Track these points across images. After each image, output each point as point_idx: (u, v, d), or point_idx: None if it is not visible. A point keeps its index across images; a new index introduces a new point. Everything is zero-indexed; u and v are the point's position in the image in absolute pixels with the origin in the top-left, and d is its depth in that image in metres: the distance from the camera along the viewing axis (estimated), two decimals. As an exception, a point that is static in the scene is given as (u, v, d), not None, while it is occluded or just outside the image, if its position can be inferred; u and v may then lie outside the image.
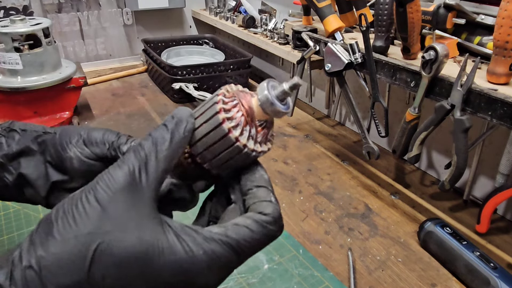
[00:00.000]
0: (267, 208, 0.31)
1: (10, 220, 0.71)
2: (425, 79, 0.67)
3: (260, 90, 0.31)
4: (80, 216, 0.26)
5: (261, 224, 0.30)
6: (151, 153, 0.29)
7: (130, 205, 0.27)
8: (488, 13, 0.72)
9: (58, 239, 0.26)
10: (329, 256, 0.66)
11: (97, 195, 0.27)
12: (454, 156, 0.67)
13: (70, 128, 0.42)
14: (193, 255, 0.27)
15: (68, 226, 0.26)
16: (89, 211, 0.26)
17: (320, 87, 1.23)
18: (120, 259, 0.26)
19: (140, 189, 0.28)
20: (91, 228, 0.26)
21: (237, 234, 0.29)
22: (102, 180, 0.28)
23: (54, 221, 0.27)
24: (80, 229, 0.26)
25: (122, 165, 0.28)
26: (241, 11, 1.44)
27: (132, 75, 1.45)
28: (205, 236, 0.28)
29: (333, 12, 0.85)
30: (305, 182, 0.85)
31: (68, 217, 0.26)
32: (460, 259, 0.60)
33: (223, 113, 0.30)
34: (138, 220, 0.27)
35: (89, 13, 1.46)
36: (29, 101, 1.02)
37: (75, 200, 0.27)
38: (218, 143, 0.31)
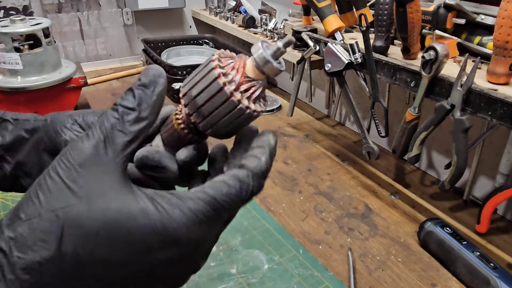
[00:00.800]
0: (250, 163, 0.30)
1: (10, 220, 0.71)
2: (425, 79, 0.67)
3: (255, 49, 0.31)
4: (43, 194, 0.26)
5: (238, 178, 0.28)
6: (117, 124, 0.27)
7: (94, 178, 0.26)
8: (488, 13, 0.72)
9: (24, 218, 0.26)
10: (329, 256, 0.66)
11: (59, 170, 0.26)
12: (454, 156, 0.67)
13: (62, 113, 0.40)
14: (168, 215, 0.26)
15: (32, 205, 0.26)
16: (51, 187, 0.26)
17: (320, 87, 1.23)
18: (89, 231, 0.25)
19: (105, 161, 0.27)
20: (56, 203, 0.26)
21: (213, 189, 0.28)
22: (64, 155, 0.27)
23: (21, 203, 0.27)
24: (43, 207, 0.26)
25: (86, 138, 0.27)
26: (241, 11, 1.44)
27: (132, 75, 1.45)
28: (181, 195, 0.27)
29: (333, 12, 0.85)
30: (305, 182, 0.85)
31: (33, 196, 0.26)
32: (460, 259, 0.60)
33: (218, 69, 0.30)
34: (104, 190, 0.26)
35: (89, 13, 1.46)
36: (29, 101, 1.02)
37: (39, 179, 0.27)
38: (213, 99, 0.30)
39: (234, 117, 0.31)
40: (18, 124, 0.40)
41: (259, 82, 0.31)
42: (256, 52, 0.31)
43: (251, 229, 0.70)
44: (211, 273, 0.61)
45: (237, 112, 0.30)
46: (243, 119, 0.31)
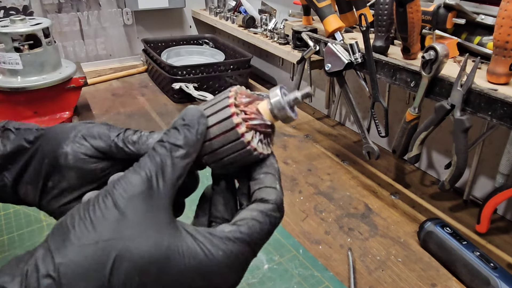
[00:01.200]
0: (271, 195, 0.31)
1: (10, 220, 0.71)
2: (425, 79, 0.67)
3: (273, 94, 0.31)
4: (98, 221, 0.26)
5: (266, 213, 0.30)
6: (167, 159, 0.28)
7: (147, 211, 0.27)
8: (488, 13, 0.72)
9: (76, 245, 0.25)
10: (329, 256, 0.66)
11: (114, 199, 0.27)
12: (454, 156, 0.67)
13: (67, 125, 0.40)
14: (212, 257, 0.27)
15: (86, 232, 0.26)
16: (107, 216, 0.26)
17: (320, 87, 1.23)
18: (140, 265, 0.26)
19: (157, 195, 0.27)
20: (110, 233, 0.26)
21: (248, 229, 0.29)
22: (119, 185, 0.27)
23: (70, 227, 0.26)
24: (99, 235, 0.25)
25: (139, 170, 0.28)
26: (241, 11, 1.44)
27: (132, 75, 1.45)
28: (221, 236, 0.28)
29: (333, 12, 0.85)
30: (305, 182, 0.85)
31: (86, 222, 0.26)
32: (460, 259, 0.60)
33: (233, 108, 0.30)
34: (156, 226, 0.27)
35: (89, 13, 1.46)
36: (29, 101, 1.02)
37: (91, 205, 0.27)
38: (223, 135, 0.31)
39: (241, 157, 0.31)
40: (20, 134, 0.40)
41: (269, 126, 0.32)
42: (273, 97, 0.31)
43: (251, 229, 0.70)
44: (211, 273, 0.61)
45: (244, 152, 0.31)
46: (248, 159, 0.32)
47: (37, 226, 0.69)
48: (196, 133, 0.30)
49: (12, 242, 0.66)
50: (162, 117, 1.14)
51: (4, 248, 0.65)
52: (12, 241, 0.66)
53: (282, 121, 0.32)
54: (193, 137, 0.30)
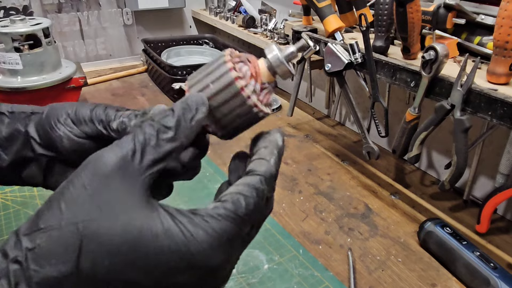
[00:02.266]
0: (260, 167, 0.29)
1: (10, 220, 0.71)
2: (425, 79, 0.67)
3: (269, 50, 0.31)
4: (65, 203, 0.25)
5: (252, 185, 0.28)
6: (151, 139, 0.27)
7: (119, 191, 0.26)
8: (488, 13, 0.72)
9: (44, 229, 0.24)
10: (329, 256, 0.66)
11: (84, 180, 0.25)
12: (454, 156, 0.67)
13: (58, 106, 0.39)
14: (192, 237, 0.25)
15: (53, 215, 0.25)
16: (74, 197, 0.25)
17: (320, 87, 1.23)
18: (109, 247, 0.24)
19: (131, 175, 0.26)
20: (78, 215, 0.25)
21: (233, 204, 0.27)
22: (90, 164, 0.26)
23: (42, 210, 0.26)
24: (65, 217, 0.25)
25: (116, 148, 0.27)
26: (241, 11, 1.44)
27: (132, 75, 1.45)
28: (202, 214, 0.26)
29: (333, 12, 0.85)
30: (305, 182, 0.85)
31: (54, 205, 0.25)
32: (460, 259, 0.60)
33: (234, 72, 0.30)
34: (128, 206, 0.25)
35: (89, 13, 1.46)
36: (29, 101, 1.02)
37: (62, 187, 0.26)
38: (229, 102, 0.30)
39: (248, 120, 0.31)
40: (14, 117, 0.39)
41: (271, 85, 0.32)
42: (270, 53, 0.31)
43: (251, 229, 0.70)
44: (211, 273, 0.61)
45: (251, 116, 0.30)
46: (255, 121, 0.31)
47: (37, 226, 0.69)
48: (191, 119, 0.28)
49: (12, 242, 0.66)
50: (162, 117, 1.14)
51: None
52: (12, 241, 0.66)
53: (281, 76, 0.31)
54: (187, 122, 0.28)
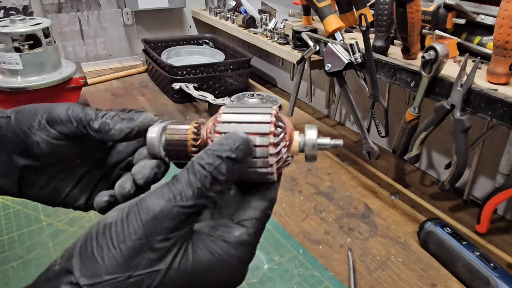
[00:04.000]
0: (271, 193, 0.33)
1: (10, 220, 0.71)
2: (425, 79, 0.67)
3: (310, 133, 0.32)
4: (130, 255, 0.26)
5: (265, 212, 0.32)
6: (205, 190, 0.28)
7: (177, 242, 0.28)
8: (488, 13, 0.72)
9: (109, 281, 0.25)
10: (329, 256, 0.66)
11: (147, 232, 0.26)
12: (454, 156, 0.67)
13: (27, 110, 0.37)
14: (229, 266, 0.29)
15: (118, 266, 0.26)
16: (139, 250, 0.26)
17: (320, 87, 1.23)
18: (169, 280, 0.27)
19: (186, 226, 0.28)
20: (143, 269, 0.26)
21: (255, 231, 0.31)
22: (152, 213, 0.27)
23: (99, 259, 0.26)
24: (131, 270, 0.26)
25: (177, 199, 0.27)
26: (241, 11, 1.44)
27: (132, 75, 1.45)
28: (233, 242, 0.29)
29: (333, 12, 0.85)
30: (305, 182, 0.85)
31: (117, 255, 0.26)
32: (460, 259, 0.60)
33: (272, 137, 0.30)
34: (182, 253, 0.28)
35: (89, 13, 1.46)
36: (29, 101, 1.01)
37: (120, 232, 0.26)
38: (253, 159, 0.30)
39: (256, 179, 0.32)
40: None
41: (291, 158, 0.33)
42: (309, 135, 0.32)
43: (251, 229, 0.70)
44: (211, 273, 0.61)
45: (262, 178, 0.32)
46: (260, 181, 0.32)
47: (37, 226, 0.69)
48: (239, 171, 0.29)
49: (12, 242, 0.66)
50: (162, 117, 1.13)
51: (4, 248, 0.65)
52: (12, 241, 0.66)
53: (306, 157, 0.33)
54: (235, 174, 0.29)
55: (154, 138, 0.33)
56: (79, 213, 0.73)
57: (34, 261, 0.62)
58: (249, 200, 0.32)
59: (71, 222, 0.71)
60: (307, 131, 0.33)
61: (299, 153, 0.33)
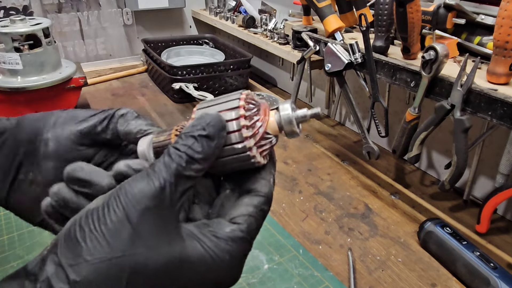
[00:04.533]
0: (263, 187, 0.32)
1: (10, 220, 0.71)
2: (425, 79, 0.67)
3: (283, 108, 0.32)
4: (111, 236, 0.26)
5: (259, 207, 0.31)
6: (183, 171, 0.28)
7: (159, 224, 0.27)
8: (488, 13, 0.72)
9: (90, 261, 0.25)
10: (329, 256, 0.66)
11: (127, 212, 0.26)
12: (454, 156, 0.67)
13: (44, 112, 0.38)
14: (220, 261, 0.28)
15: (100, 247, 0.25)
16: (120, 230, 0.26)
17: (320, 87, 1.23)
18: (154, 278, 0.26)
19: (168, 207, 0.27)
20: (124, 249, 0.26)
21: (248, 227, 0.30)
22: (131, 193, 0.27)
23: (81, 240, 0.26)
24: (112, 251, 0.25)
25: (153, 178, 0.27)
26: (241, 11, 1.44)
27: (132, 75, 1.45)
28: (225, 238, 0.29)
29: (333, 12, 0.85)
30: (305, 182, 0.85)
31: (98, 236, 0.26)
32: (460, 259, 0.60)
33: (242, 120, 0.30)
34: (168, 238, 0.27)
35: (89, 13, 1.46)
36: (29, 101, 1.02)
37: (102, 215, 0.26)
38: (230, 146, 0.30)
39: (240, 165, 0.31)
40: None
41: (274, 138, 0.32)
42: (283, 110, 0.32)
43: (251, 229, 0.70)
44: (211, 273, 0.61)
45: (246, 163, 0.31)
46: (246, 167, 0.32)
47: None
48: (215, 147, 0.29)
49: (12, 242, 0.66)
50: (162, 117, 1.14)
51: (4, 248, 0.65)
52: (12, 241, 0.66)
53: (286, 134, 0.32)
54: (211, 151, 0.29)
55: (144, 149, 0.34)
56: (79, 213, 0.73)
57: (34, 261, 0.62)
58: (243, 197, 0.32)
59: (71, 222, 0.71)
60: (281, 106, 0.32)
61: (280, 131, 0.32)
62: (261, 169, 0.32)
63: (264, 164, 0.32)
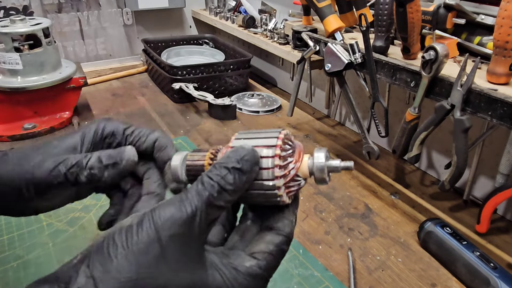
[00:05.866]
0: (285, 227, 0.33)
1: (10, 220, 0.71)
2: (425, 79, 0.67)
3: (318, 156, 0.32)
4: (140, 254, 0.27)
5: (280, 247, 0.32)
6: (213, 201, 0.29)
7: (186, 250, 0.28)
8: (488, 13, 0.72)
9: (117, 278, 0.26)
10: (329, 256, 0.66)
11: (159, 233, 0.27)
12: (454, 156, 0.67)
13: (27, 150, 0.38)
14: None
15: (128, 264, 0.26)
16: (149, 250, 0.27)
17: (320, 87, 1.23)
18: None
19: (196, 235, 0.28)
20: (150, 270, 0.27)
21: (266, 264, 0.31)
22: (163, 216, 0.28)
23: (113, 255, 0.27)
24: (139, 269, 0.26)
25: (185, 204, 0.28)
26: (241, 11, 1.44)
27: (132, 75, 1.45)
28: (244, 272, 0.30)
29: (333, 12, 0.85)
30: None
31: (129, 253, 0.27)
32: (460, 259, 0.60)
33: (277, 159, 0.31)
34: (191, 266, 0.28)
35: (89, 13, 1.46)
36: (29, 101, 1.02)
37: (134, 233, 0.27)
38: (260, 181, 0.31)
39: (266, 200, 0.32)
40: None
41: (303, 181, 0.33)
42: (318, 158, 0.32)
43: (251, 229, 0.70)
44: (211, 273, 0.61)
45: (271, 200, 0.32)
46: (271, 204, 0.33)
47: (37, 226, 0.69)
48: (246, 181, 0.30)
49: (12, 242, 0.66)
50: (162, 117, 1.14)
51: (4, 248, 0.65)
52: (12, 241, 0.66)
53: (316, 181, 0.33)
54: (242, 185, 0.30)
55: (177, 165, 0.35)
56: (79, 213, 0.73)
57: (34, 261, 0.62)
58: (265, 234, 0.32)
59: (71, 222, 0.71)
60: (315, 154, 0.33)
61: (310, 175, 0.33)
62: (285, 208, 0.33)
63: (288, 203, 0.33)
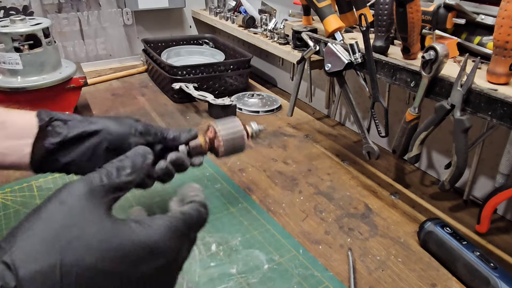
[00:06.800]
0: (197, 198, 0.43)
1: (10, 220, 0.71)
2: (425, 79, 0.67)
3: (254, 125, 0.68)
4: (47, 214, 0.33)
5: (196, 208, 0.41)
6: (112, 173, 0.38)
7: (89, 205, 0.34)
8: (488, 13, 0.72)
9: (30, 233, 0.31)
10: (329, 256, 0.66)
11: (61, 198, 0.34)
12: (454, 156, 0.67)
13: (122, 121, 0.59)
14: (151, 230, 0.35)
15: (40, 221, 0.32)
16: (57, 209, 0.33)
17: (320, 87, 1.23)
18: (88, 246, 0.31)
19: (97, 196, 0.35)
20: (59, 222, 0.32)
21: (184, 214, 0.39)
22: (69, 187, 0.35)
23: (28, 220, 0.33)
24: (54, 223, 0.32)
25: (87, 178, 0.36)
26: (241, 11, 1.44)
27: (132, 75, 1.45)
28: (161, 216, 0.37)
29: (333, 12, 0.85)
30: (305, 182, 0.85)
31: (39, 214, 0.33)
32: (460, 259, 0.60)
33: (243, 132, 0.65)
34: (96, 215, 0.34)
35: (89, 13, 1.46)
36: (29, 101, 1.02)
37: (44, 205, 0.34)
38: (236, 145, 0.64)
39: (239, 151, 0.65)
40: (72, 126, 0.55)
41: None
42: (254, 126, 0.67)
43: (251, 229, 0.70)
44: (211, 273, 0.61)
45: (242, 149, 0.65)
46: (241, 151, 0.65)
47: (37, 226, 0.69)
48: (142, 163, 0.41)
49: (12, 242, 0.66)
50: (162, 117, 1.14)
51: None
52: (12, 241, 0.66)
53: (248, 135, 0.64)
54: (139, 164, 0.41)
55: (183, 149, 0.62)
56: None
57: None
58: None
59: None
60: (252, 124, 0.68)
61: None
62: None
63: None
